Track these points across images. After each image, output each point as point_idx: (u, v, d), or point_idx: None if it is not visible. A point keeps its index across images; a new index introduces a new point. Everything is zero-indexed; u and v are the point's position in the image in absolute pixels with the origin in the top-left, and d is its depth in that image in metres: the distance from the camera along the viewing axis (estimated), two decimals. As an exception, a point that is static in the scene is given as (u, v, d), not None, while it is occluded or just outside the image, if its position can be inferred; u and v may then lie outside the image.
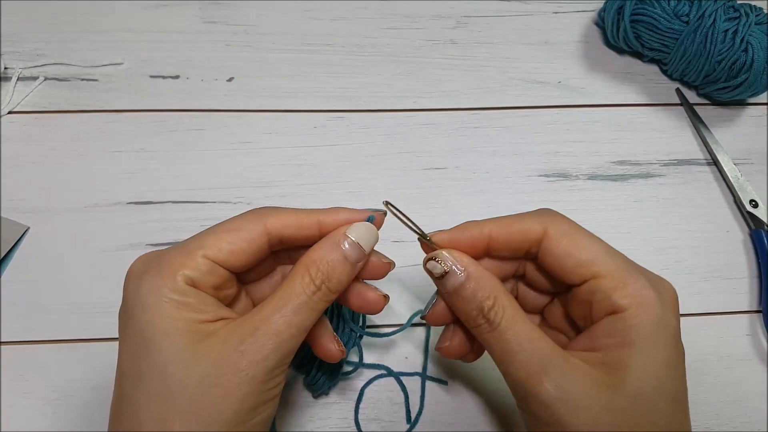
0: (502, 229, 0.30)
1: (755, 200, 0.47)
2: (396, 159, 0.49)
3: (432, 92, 0.51)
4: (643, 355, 0.26)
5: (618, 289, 0.27)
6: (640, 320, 0.27)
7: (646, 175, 0.49)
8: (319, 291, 0.28)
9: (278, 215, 0.30)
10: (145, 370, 0.26)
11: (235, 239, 0.28)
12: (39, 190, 0.46)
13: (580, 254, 0.28)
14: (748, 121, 0.52)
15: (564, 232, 0.29)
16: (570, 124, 0.51)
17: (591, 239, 0.29)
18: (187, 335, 0.26)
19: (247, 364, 0.26)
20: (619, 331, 0.27)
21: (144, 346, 0.26)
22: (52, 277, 0.43)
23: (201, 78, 0.51)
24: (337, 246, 0.29)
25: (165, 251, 0.28)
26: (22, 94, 0.49)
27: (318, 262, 0.28)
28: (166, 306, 0.26)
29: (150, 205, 0.46)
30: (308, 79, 0.51)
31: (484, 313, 0.28)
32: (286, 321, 0.27)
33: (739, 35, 0.46)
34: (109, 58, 0.51)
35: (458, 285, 0.29)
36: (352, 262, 0.29)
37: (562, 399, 0.26)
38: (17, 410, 0.39)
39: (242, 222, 0.29)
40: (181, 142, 0.48)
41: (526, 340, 0.27)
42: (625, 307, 0.27)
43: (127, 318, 0.27)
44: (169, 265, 0.27)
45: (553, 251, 0.29)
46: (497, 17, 0.55)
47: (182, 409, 0.25)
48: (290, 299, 0.27)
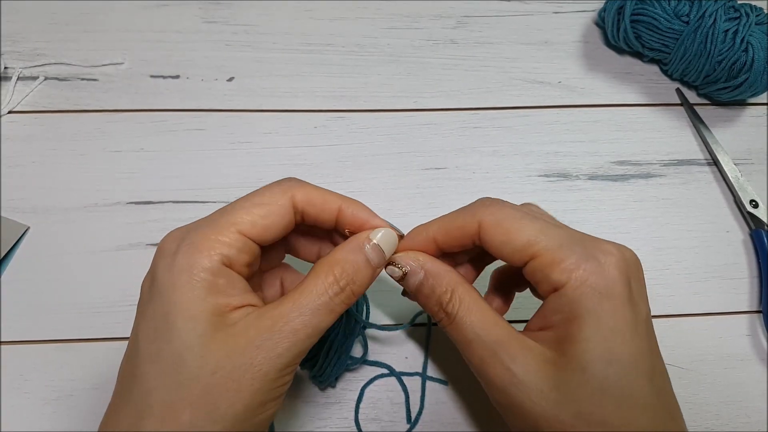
0: (442, 229, 0.31)
1: (755, 200, 0.47)
2: (396, 159, 0.49)
3: (432, 92, 0.51)
4: (587, 326, 0.26)
5: (554, 265, 0.27)
6: (581, 292, 0.27)
7: (646, 175, 0.49)
8: (342, 292, 0.28)
9: (305, 189, 0.30)
10: (163, 353, 0.25)
11: (267, 213, 0.28)
12: (39, 189, 0.46)
13: (515, 239, 0.28)
14: (748, 121, 0.52)
15: (496, 221, 0.29)
16: (570, 124, 0.51)
17: (524, 221, 0.29)
18: (210, 322, 0.26)
19: (261, 360, 0.26)
20: (563, 307, 0.27)
21: (166, 327, 0.26)
22: (52, 277, 0.43)
23: (201, 78, 0.51)
24: (361, 249, 0.29)
25: (196, 227, 0.28)
26: (22, 93, 0.49)
27: (343, 263, 0.28)
28: (197, 287, 0.26)
29: (150, 205, 0.46)
30: (308, 79, 0.51)
31: (443, 307, 0.29)
32: (303, 321, 0.27)
33: (740, 35, 0.46)
34: (110, 57, 0.51)
35: (418, 283, 0.30)
36: (373, 266, 0.29)
37: (513, 382, 0.27)
38: (17, 410, 0.39)
39: (270, 195, 0.29)
40: (181, 142, 0.48)
41: (481, 327, 0.28)
42: (563, 282, 0.27)
43: (154, 295, 0.27)
44: (204, 242, 0.27)
45: (491, 242, 0.29)
46: (497, 17, 0.55)
47: (194, 399, 0.25)
48: (311, 298, 0.27)
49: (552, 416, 0.26)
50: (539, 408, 0.26)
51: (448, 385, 0.41)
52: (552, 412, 0.26)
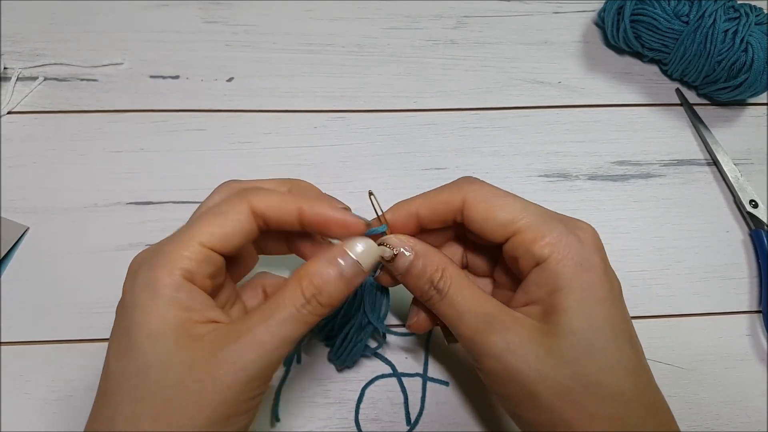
0: (426, 204, 0.32)
1: (755, 200, 0.47)
2: (396, 159, 0.49)
3: (432, 92, 0.51)
4: (572, 296, 0.28)
5: (537, 240, 0.29)
6: (563, 265, 0.28)
7: (646, 175, 0.49)
8: (308, 304, 0.28)
9: (262, 195, 0.30)
10: (127, 370, 0.26)
11: (225, 222, 0.28)
12: (39, 190, 0.46)
13: (498, 216, 0.30)
14: (748, 122, 0.52)
15: (480, 197, 0.30)
16: (570, 124, 0.51)
17: (507, 199, 0.30)
18: (173, 337, 0.26)
19: (224, 372, 0.25)
20: (546, 280, 0.28)
21: (129, 345, 0.26)
22: (52, 277, 0.43)
23: (201, 78, 0.51)
24: (333, 261, 0.29)
25: (161, 244, 0.28)
26: (22, 94, 0.49)
27: (311, 275, 0.28)
28: (158, 303, 0.26)
29: (150, 205, 0.46)
30: (308, 79, 0.51)
31: (434, 284, 0.30)
32: (270, 332, 0.27)
33: (739, 35, 0.46)
34: (109, 58, 0.51)
35: (408, 264, 0.30)
36: (347, 278, 0.29)
37: (509, 349, 0.28)
38: (17, 410, 0.39)
39: (228, 204, 0.29)
40: (181, 142, 0.48)
41: (472, 301, 0.29)
42: (546, 255, 0.28)
43: (120, 314, 0.27)
44: (165, 258, 0.27)
45: (474, 218, 0.30)
46: (497, 17, 0.55)
47: (155, 411, 0.25)
48: (278, 310, 0.27)
49: (551, 378, 0.27)
50: (536, 373, 0.27)
51: (448, 386, 0.41)
52: (550, 373, 0.27)
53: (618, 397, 0.27)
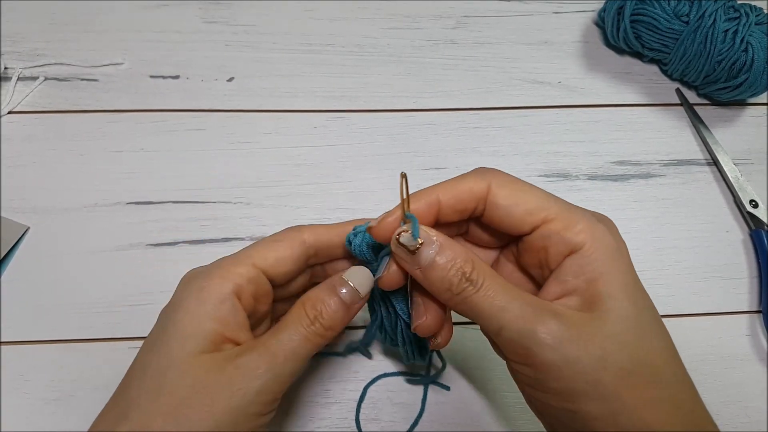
0: (449, 191, 0.30)
1: (755, 200, 0.47)
2: (396, 159, 0.49)
3: (432, 92, 0.51)
4: (614, 282, 0.27)
5: (570, 228, 0.28)
6: (600, 252, 0.28)
7: (646, 175, 0.49)
8: (312, 325, 0.29)
9: (311, 227, 0.33)
10: (151, 366, 0.28)
11: (279, 248, 0.31)
12: (39, 190, 0.46)
13: (527, 202, 0.29)
14: (748, 122, 0.52)
15: (505, 183, 0.30)
16: (570, 124, 0.51)
17: (532, 188, 0.30)
18: (200, 344, 0.28)
19: (240, 380, 0.27)
20: (584, 268, 0.28)
21: (161, 342, 0.28)
22: (52, 277, 0.43)
23: (201, 78, 0.51)
24: (333, 288, 0.30)
25: (217, 260, 0.31)
26: (22, 94, 0.49)
27: (313, 300, 0.30)
28: (200, 310, 0.28)
29: (150, 205, 0.46)
30: (308, 79, 0.51)
31: (467, 276, 0.28)
32: (281, 345, 0.28)
33: (739, 35, 0.46)
34: (109, 58, 0.51)
35: (433, 255, 0.28)
36: (346, 304, 0.30)
37: (567, 337, 0.26)
38: (17, 410, 0.39)
39: (282, 234, 0.32)
40: (181, 142, 0.48)
41: (511, 294, 0.28)
42: (581, 243, 0.28)
43: (163, 313, 0.30)
44: (220, 271, 0.29)
45: (500, 204, 0.29)
46: (497, 17, 0.55)
47: (168, 409, 0.26)
48: (287, 327, 0.29)
49: (612, 363, 0.26)
50: (598, 359, 0.26)
51: (450, 390, 0.41)
52: (611, 359, 0.26)
53: (673, 379, 0.27)
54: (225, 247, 0.45)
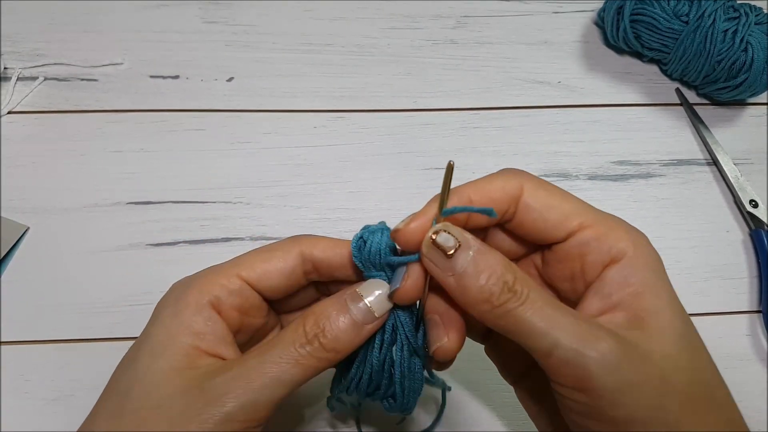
0: (480, 191, 0.27)
1: (755, 200, 0.47)
2: (396, 159, 0.49)
3: (432, 92, 0.51)
4: (661, 296, 0.25)
5: (610, 235, 0.26)
6: (644, 261, 0.25)
7: (646, 175, 0.49)
8: (309, 344, 0.26)
9: (313, 239, 0.29)
10: (119, 383, 0.26)
11: (269, 258, 0.28)
12: (39, 190, 0.46)
13: (562, 206, 0.26)
14: (748, 121, 0.52)
15: (539, 185, 0.27)
16: (570, 124, 0.51)
17: (564, 192, 0.27)
18: (173, 359, 0.25)
19: (202, 406, 0.24)
20: (629, 279, 0.25)
21: (133, 358, 0.26)
22: (52, 277, 0.43)
23: (201, 78, 0.51)
24: (343, 303, 0.27)
25: (204, 269, 0.28)
26: (22, 94, 0.49)
27: (317, 314, 0.26)
28: (174, 322, 0.26)
29: (150, 205, 0.46)
30: (308, 79, 0.51)
31: (510, 287, 0.24)
32: (262, 367, 0.25)
33: (739, 35, 0.46)
34: (109, 58, 0.51)
35: (470, 260, 0.24)
36: (356, 323, 0.26)
37: (628, 360, 0.23)
38: (17, 410, 0.39)
39: (278, 245, 0.29)
40: (181, 142, 0.48)
41: (561, 309, 0.24)
42: (623, 251, 0.25)
43: (145, 326, 0.28)
44: (200, 281, 0.27)
45: (534, 206, 0.27)
46: (497, 17, 0.55)
47: (130, 428, 0.25)
48: (275, 345, 0.26)
49: (675, 387, 0.23)
50: (661, 382, 0.23)
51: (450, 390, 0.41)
52: (674, 381, 0.23)
53: (725, 400, 0.25)
54: (225, 247, 0.45)
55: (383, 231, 0.28)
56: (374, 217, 0.40)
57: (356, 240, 0.28)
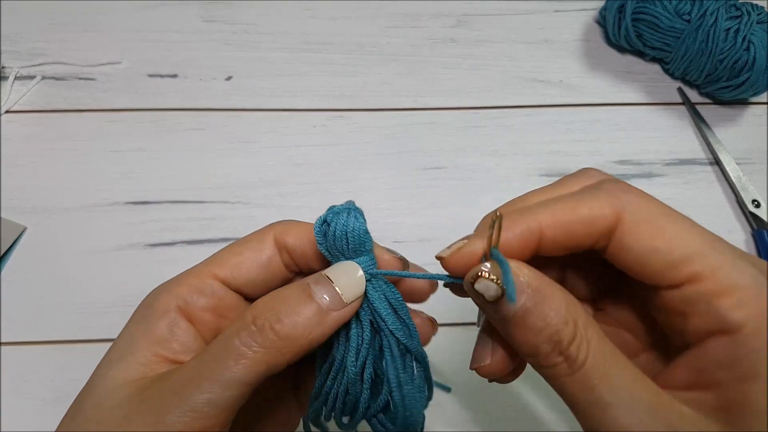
0: (557, 219, 0.21)
1: (757, 200, 0.47)
2: (396, 158, 0.48)
3: (432, 91, 0.51)
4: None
5: (727, 297, 0.20)
6: (763, 342, 0.19)
7: (647, 174, 0.49)
8: (259, 333, 0.22)
9: (286, 225, 0.26)
10: (79, 395, 0.24)
11: (241, 250, 0.25)
12: (37, 190, 0.46)
13: (672, 249, 0.20)
14: (750, 121, 0.51)
15: (645, 217, 0.21)
16: (571, 123, 0.50)
17: (683, 224, 0.21)
18: (129, 368, 0.23)
19: (141, 416, 0.21)
20: (736, 360, 0.19)
21: (95, 370, 0.24)
22: (51, 277, 0.43)
23: (200, 77, 0.51)
24: (305, 287, 0.23)
25: (181, 273, 0.26)
26: (20, 93, 0.49)
27: (271, 298, 0.23)
28: (137, 329, 0.24)
29: (148, 205, 0.46)
30: (308, 78, 0.51)
31: (562, 348, 0.20)
32: (200, 367, 0.22)
33: (741, 34, 0.46)
34: (107, 57, 0.51)
35: (520, 308, 0.20)
36: (320, 308, 0.22)
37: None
38: (17, 411, 0.39)
39: (253, 234, 0.26)
40: (180, 142, 0.48)
41: (621, 385, 0.20)
42: (739, 324, 0.19)
43: None
44: (169, 284, 0.25)
45: (631, 246, 0.21)
46: (498, 16, 0.55)
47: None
48: (217, 342, 0.22)
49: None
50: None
51: (450, 391, 0.41)
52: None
53: None
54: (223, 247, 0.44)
55: (350, 211, 0.24)
56: (374, 217, 0.40)
57: (319, 224, 0.24)
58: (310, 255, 0.26)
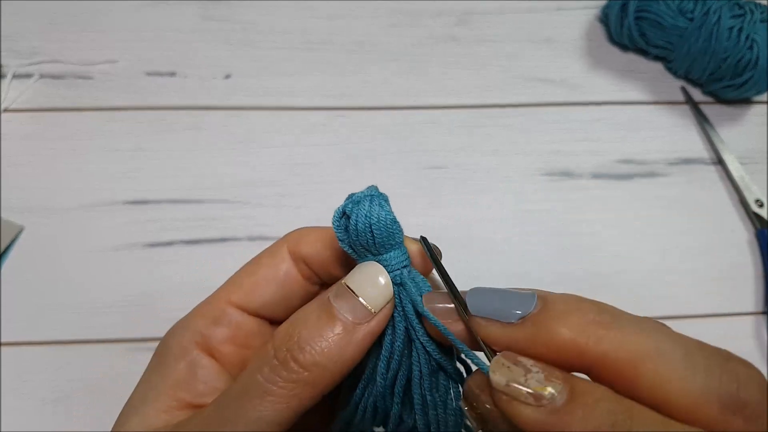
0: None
1: (761, 200, 0.47)
2: (396, 158, 0.48)
3: (433, 90, 0.51)
4: None
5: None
6: None
7: (650, 174, 0.48)
8: (280, 366, 0.19)
9: (299, 233, 0.23)
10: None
11: (255, 269, 0.23)
12: (35, 189, 0.46)
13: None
14: (753, 120, 0.51)
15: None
16: (573, 122, 0.50)
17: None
18: (149, 419, 0.21)
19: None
20: None
21: (117, 419, 0.22)
22: (49, 277, 0.43)
23: (198, 76, 0.50)
24: (326, 301, 0.20)
25: (198, 304, 0.24)
26: (18, 92, 0.49)
27: (290, 323, 0.20)
28: (154, 374, 0.22)
29: (147, 204, 0.45)
30: (307, 77, 0.51)
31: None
32: (220, 417, 0.19)
33: (744, 32, 0.45)
34: (106, 55, 0.51)
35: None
36: (345, 325, 0.19)
37: None
38: (15, 412, 0.39)
39: (265, 250, 0.24)
40: (179, 141, 0.48)
41: None
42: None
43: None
44: (183, 321, 0.23)
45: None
46: (499, 14, 0.55)
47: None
48: (238, 381, 0.20)
49: None
50: None
51: None
52: None
53: None
54: (222, 247, 0.44)
55: (373, 198, 0.20)
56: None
57: (338, 217, 0.20)
58: (329, 261, 0.23)
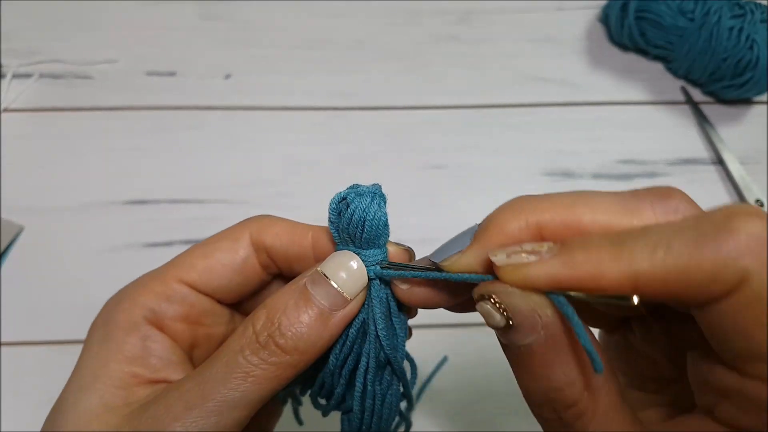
0: (661, 268, 0.15)
1: (761, 200, 0.47)
2: (396, 157, 0.48)
3: (433, 89, 0.51)
4: None
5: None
6: None
7: (651, 174, 0.48)
8: (263, 349, 0.20)
9: (265, 221, 0.24)
10: (50, 424, 0.22)
11: (211, 252, 0.23)
12: (34, 188, 0.45)
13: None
14: (753, 120, 0.51)
15: (761, 294, 0.15)
16: (573, 121, 0.50)
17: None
18: (101, 396, 0.21)
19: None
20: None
21: (60, 399, 0.22)
22: (48, 276, 0.43)
23: (198, 75, 0.50)
24: (303, 288, 0.21)
25: (141, 277, 0.24)
26: (17, 91, 0.49)
27: (270, 308, 0.21)
28: (103, 349, 0.21)
29: (146, 204, 0.45)
30: (307, 76, 0.51)
31: (556, 408, 0.17)
32: (201, 392, 0.19)
33: (744, 33, 0.45)
34: (105, 55, 0.51)
35: (525, 349, 0.17)
36: (322, 311, 0.20)
37: None
38: (14, 412, 0.39)
39: (225, 232, 0.24)
40: (178, 140, 0.48)
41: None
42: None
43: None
44: (133, 293, 0.23)
45: (732, 327, 0.16)
46: (500, 14, 0.55)
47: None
48: (218, 359, 0.20)
49: None
50: None
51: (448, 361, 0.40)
52: None
53: None
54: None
55: (374, 196, 0.22)
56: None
57: (337, 201, 0.22)
58: (292, 257, 0.23)
